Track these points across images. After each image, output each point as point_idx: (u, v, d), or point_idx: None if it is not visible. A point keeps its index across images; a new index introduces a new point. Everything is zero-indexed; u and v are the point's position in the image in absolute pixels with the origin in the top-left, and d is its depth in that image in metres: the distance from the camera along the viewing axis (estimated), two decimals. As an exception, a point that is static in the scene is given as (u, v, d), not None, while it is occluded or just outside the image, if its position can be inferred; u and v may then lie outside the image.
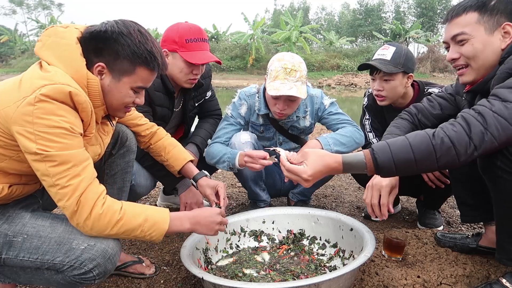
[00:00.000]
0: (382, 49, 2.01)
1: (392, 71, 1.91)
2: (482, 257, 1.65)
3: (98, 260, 1.15)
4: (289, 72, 1.88)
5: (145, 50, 1.19)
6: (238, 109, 2.13)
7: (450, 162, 1.16)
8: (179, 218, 1.31)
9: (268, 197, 2.28)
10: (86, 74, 1.15)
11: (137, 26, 1.21)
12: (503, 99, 1.15)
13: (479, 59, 1.36)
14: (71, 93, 1.08)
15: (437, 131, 1.19)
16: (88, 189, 1.12)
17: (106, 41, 1.16)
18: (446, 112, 1.76)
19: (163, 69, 1.28)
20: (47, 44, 1.16)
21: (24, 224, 1.18)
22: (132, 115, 1.66)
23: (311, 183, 1.30)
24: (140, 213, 1.20)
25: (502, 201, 1.31)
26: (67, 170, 1.09)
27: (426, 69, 29.59)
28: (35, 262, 1.14)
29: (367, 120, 2.25)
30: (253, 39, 31.76)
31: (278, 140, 2.25)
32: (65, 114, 1.08)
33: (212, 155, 1.97)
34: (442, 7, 48.09)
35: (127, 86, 1.23)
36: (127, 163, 1.61)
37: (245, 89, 2.18)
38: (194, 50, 1.88)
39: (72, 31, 1.18)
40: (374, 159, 1.21)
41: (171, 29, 1.92)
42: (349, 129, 2.04)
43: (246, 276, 1.58)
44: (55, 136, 1.06)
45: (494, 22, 1.32)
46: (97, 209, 1.12)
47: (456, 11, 1.39)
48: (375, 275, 1.55)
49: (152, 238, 1.22)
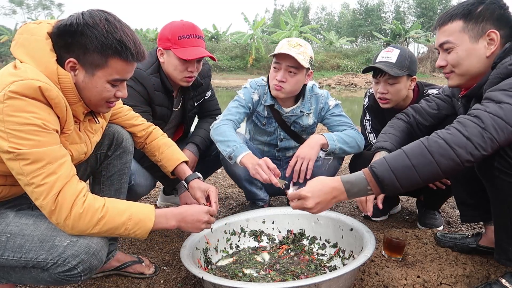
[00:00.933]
0: (386, 52, 1.99)
1: (399, 74, 1.90)
2: (482, 257, 1.65)
3: (81, 256, 1.12)
4: (293, 44, 1.92)
5: (114, 40, 1.12)
6: (251, 94, 2.11)
7: (453, 165, 1.15)
8: (165, 215, 1.28)
9: (267, 195, 2.27)
10: (56, 70, 1.11)
11: (104, 15, 1.14)
12: (497, 101, 1.15)
13: (462, 67, 1.39)
14: (41, 88, 1.05)
15: (430, 136, 1.20)
16: (66, 187, 1.09)
17: (73, 35, 1.11)
18: (443, 112, 1.77)
19: (139, 57, 1.20)
20: (19, 42, 1.14)
21: (7, 223, 1.15)
22: (127, 115, 1.63)
23: (319, 207, 1.29)
24: (124, 210, 1.17)
25: (500, 201, 1.31)
26: (41, 168, 1.06)
27: (426, 69, 29.59)
28: (19, 261, 1.12)
29: (368, 120, 2.24)
30: (253, 39, 31.75)
31: (279, 136, 2.24)
32: (36, 111, 1.05)
33: (221, 134, 1.89)
34: (442, 7, 48.09)
35: (102, 80, 1.17)
36: (124, 164, 1.59)
37: (256, 79, 2.18)
38: (187, 46, 1.87)
39: (43, 26, 1.15)
40: (372, 172, 1.22)
41: (164, 28, 1.92)
42: (351, 131, 2.04)
43: (246, 276, 1.58)
44: (26, 134, 1.03)
45: (479, 29, 1.33)
46: (77, 208, 1.10)
47: (443, 19, 1.41)
48: (375, 275, 1.55)
49: (136, 236, 1.20)
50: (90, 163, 1.53)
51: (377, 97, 2.04)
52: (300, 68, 1.94)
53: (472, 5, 1.36)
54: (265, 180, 1.67)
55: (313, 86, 2.17)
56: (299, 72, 1.95)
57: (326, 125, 2.19)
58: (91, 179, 1.62)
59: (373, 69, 1.97)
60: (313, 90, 2.17)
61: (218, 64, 30.80)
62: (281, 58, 1.94)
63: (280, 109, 2.14)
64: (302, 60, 1.88)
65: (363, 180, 1.25)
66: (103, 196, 1.57)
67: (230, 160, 1.83)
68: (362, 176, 1.25)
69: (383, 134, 1.82)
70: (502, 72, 1.22)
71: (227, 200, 2.70)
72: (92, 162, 1.53)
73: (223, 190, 2.95)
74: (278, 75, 1.96)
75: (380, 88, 1.98)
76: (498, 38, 1.32)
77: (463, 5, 1.37)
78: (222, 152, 1.85)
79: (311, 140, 1.91)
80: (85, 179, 1.57)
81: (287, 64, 1.93)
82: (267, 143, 2.29)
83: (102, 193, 1.58)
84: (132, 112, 1.67)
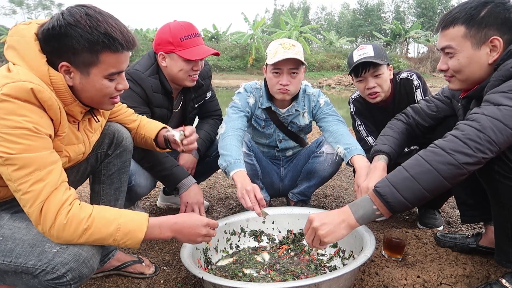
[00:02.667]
0: (360, 50, 2.00)
1: (385, 62, 1.95)
2: (482, 257, 1.65)
3: (71, 264, 1.08)
4: (287, 47, 1.94)
5: (100, 34, 1.08)
6: (246, 99, 2.12)
7: (454, 170, 1.14)
8: (159, 225, 1.21)
9: (267, 195, 2.28)
10: (47, 72, 1.09)
11: (84, 10, 1.10)
12: (495, 103, 1.15)
13: (464, 73, 1.36)
14: (33, 90, 1.02)
15: (427, 147, 1.21)
16: (52, 195, 1.06)
17: (57, 39, 1.08)
18: (442, 113, 1.77)
19: (129, 45, 1.15)
20: (10, 44, 1.11)
21: (1, 225, 1.14)
22: (126, 112, 1.63)
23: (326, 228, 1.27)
24: (112, 221, 1.12)
25: (500, 204, 1.31)
26: (29, 175, 1.03)
27: (426, 69, 29.60)
28: (9, 265, 1.09)
29: (360, 125, 2.24)
30: (253, 39, 31.76)
31: (277, 137, 2.25)
32: (28, 114, 1.02)
33: (222, 147, 1.90)
34: (442, 7, 48.10)
35: (98, 77, 1.15)
36: (124, 163, 1.60)
37: (250, 83, 2.19)
38: (191, 46, 1.88)
39: (32, 27, 1.12)
40: (375, 191, 1.24)
41: (163, 31, 1.90)
42: (345, 130, 2.05)
43: (246, 276, 1.58)
44: (16, 137, 1.00)
45: (481, 36, 1.28)
46: (60, 218, 1.06)
47: (445, 22, 1.36)
48: (375, 275, 1.55)
49: (127, 246, 1.15)
50: (91, 162, 1.53)
51: (366, 94, 2.03)
52: (300, 66, 1.98)
53: (475, 9, 1.29)
54: (249, 207, 1.64)
55: (305, 86, 2.20)
56: (299, 71, 2.00)
57: (316, 120, 2.20)
58: (91, 178, 1.62)
59: (359, 66, 1.97)
60: (306, 91, 2.19)
61: (218, 64, 30.81)
62: (282, 64, 1.94)
63: (277, 110, 2.16)
64: (301, 59, 1.93)
65: (368, 200, 1.26)
66: (103, 194, 1.59)
67: (225, 174, 1.84)
68: (367, 197, 1.27)
69: (381, 137, 1.81)
70: (504, 74, 1.21)
71: (227, 200, 2.70)
72: (93, 161, 1.53)
73: (223, 190, 2.95)
74: (282, 80, 1.98)
75: (368, 84, 1.99)
76: (501, 45, 1.27)
77: (466, 8, 1.31)
78: (219, 165, 1.86)
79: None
80: (85, 178, 1.58)
81: (289, 67, 1.95)
82: (266, 145, 2.30)
83: (102, 192, 1.58)
84: (130, 109, 1.67)
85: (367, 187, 1.56)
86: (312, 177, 2.20)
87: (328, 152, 2.12)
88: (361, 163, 1.77)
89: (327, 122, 2.10)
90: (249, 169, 2.03)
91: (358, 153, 1.84)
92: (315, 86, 3.49)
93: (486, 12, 1.28)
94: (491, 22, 1.27)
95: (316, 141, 2.25)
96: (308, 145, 2.35)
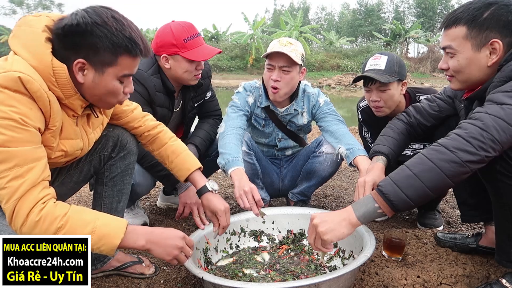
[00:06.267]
0: (373, 59, 1.95)
1: (390, 81, 1.87)
2: (482, 257, 1.65)
3: None
4: (284, 43, 1.96)
5: (125, 38, 1.11)
6: (246, 98, 2.13)
7: (457, 168, 1.14)
8: (136, 232, 1.16)
9: (267, 195, 2.28)
10: (50, 62, 1.07)
11: (110, 12, 1.12)
12: (498, 102, 1.15)
13: (463, 74, 1.36)
14: (21, 79, 1.00)
15: (430, 146, 1.21)
16: (28, 193, 1.02)
17: (82, 36, 1.08)
18: (445, 113, 1.77)
19: (146, 53, 1.18)
20: (16, 34, 1.10)
21: None
22: (128, 117, 1.57)
23: (326, 225, 1.28)
24: (88, 222, 1.08)
25: (502, 204, 1.31)
26: (8, 170, 1.00)
27: (426, 69, 29.63)
28: None
29: (367, 132, 2.24)
30: (253, 39, 31.77)
31: (277, 136, 2.26)
32: (16, 105, 1.00)
33: (221, 146, 1.90)
34: (442, 7, 48.12)
35: (111, 77, 1.16)
36: (127, 165, 1.59)
37: (249, 82, 2.19)
38: (194, 47, 1.89)
39: (42, 19, 1.11)
40: (377, 190, 1.24)
41: (164, 33, 1.90)
42: (346, 129, 2.04)
43: (246, 276, 1.58)
44: (1, 128, 0.98)
45: (482, 38, 1.28)
46: (32, 215, 1.02)
47: (448, 21, 1.36)
48: (375, 275, 1.54)
49: (102, 252, 1.10)
50: (94, 164, 1.52)
51: (371, 105, 2.01)
52: (293, 65, 1.97)
53: (478, 10, 1.28)
54: (246, 208, 1.64)
55: (305, 86, 2.20)
56: (292, 70, 1.99)
57: (316, 120, 2.19)
58: (94, 179, 1.62)
59: (362, 78, 1.94)
60: (306, 90, 2.19)
61: (218, 64, 30.82)
62: (274, 58, 1.97)
63: (275, 109, 2.16)
64: (294, 57, 1.92)
65: (370, 199, 1.26)
66: (105, 196, 1.58)
67: (224, 172, 1.84)
68: (369, 196, 1.27)
69: (381, 137, 1.81)
70: (507, 75, 1.21)
71: (227, 200, 2.70)
72: (96, 163, 1.53)
73: (223, 190, 2.95)
74: (273, 75, 1.99)
75: (373, 96, 1.94)
76: (501, 48, 1.27)
77: (469, 9, 1.31)
78: (218, 164, 1.86)
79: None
80: (88, 179, 1.57)
81: (281, 63, 1.96)
82: (266, 144, 2.31)
83: (105, 194, 1.58)
84: (136, 114, 1.60)
85: (364, 181, 1.56)
86: (312, 177, 2.20)
87: (328, 152, 2.12)
88: (365, 164, 1.77)
89: (327, 122, 2.10)
90: (249, 168, 2.03)
91: (361, 154, 1.84)
92: (315, 86, 3.48)
93: (489, 14, 1.27)
94: (493, 24, 1.27)
95: (316, 141, 2.25)
96: (308, 145, 2.35)
